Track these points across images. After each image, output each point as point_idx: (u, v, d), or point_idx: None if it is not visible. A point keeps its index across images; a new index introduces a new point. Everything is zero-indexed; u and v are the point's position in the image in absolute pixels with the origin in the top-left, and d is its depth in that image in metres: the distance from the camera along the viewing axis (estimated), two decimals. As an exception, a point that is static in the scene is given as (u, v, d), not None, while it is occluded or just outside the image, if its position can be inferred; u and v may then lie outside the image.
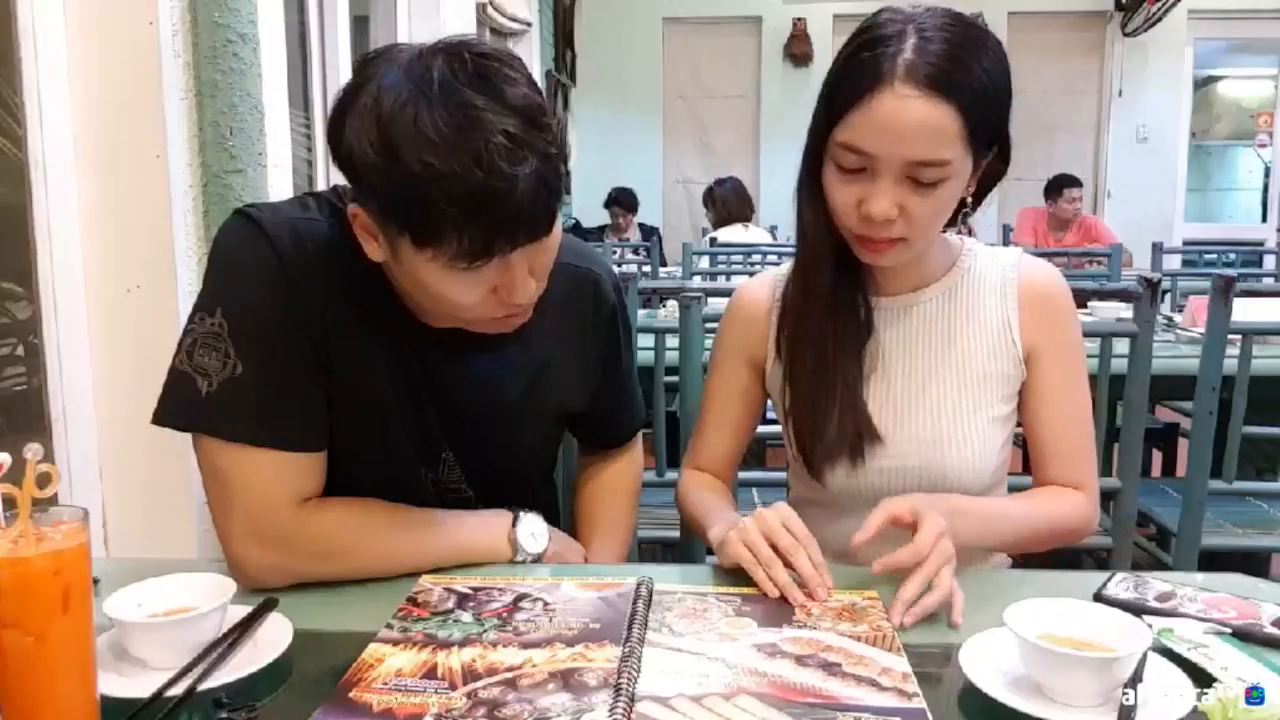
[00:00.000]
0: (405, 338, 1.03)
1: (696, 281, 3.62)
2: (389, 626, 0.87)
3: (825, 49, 6.90)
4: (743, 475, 1.64)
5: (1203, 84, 7.93)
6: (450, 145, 0.83)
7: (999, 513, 1.09)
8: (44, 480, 0.67)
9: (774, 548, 0.95)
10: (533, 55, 5.82)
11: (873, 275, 1.14)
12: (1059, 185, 5.42)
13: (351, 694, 0.75)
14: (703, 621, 0.88)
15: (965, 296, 1.15)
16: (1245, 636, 0.84)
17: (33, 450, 0.66)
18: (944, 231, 1.13)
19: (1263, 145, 7.65)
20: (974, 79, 0.98)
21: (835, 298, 1.12)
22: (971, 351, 1.13)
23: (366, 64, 0.91)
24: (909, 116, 0.96)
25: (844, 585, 0.95)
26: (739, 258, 4.13)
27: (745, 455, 1.30)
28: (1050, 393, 1.13)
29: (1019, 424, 1.18)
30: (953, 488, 1.11)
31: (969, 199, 1.07)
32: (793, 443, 1.16)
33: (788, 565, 0.94)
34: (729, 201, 4.81)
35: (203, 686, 0.76)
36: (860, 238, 1.05)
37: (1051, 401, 1.13)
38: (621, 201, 6.22)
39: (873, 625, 0.87)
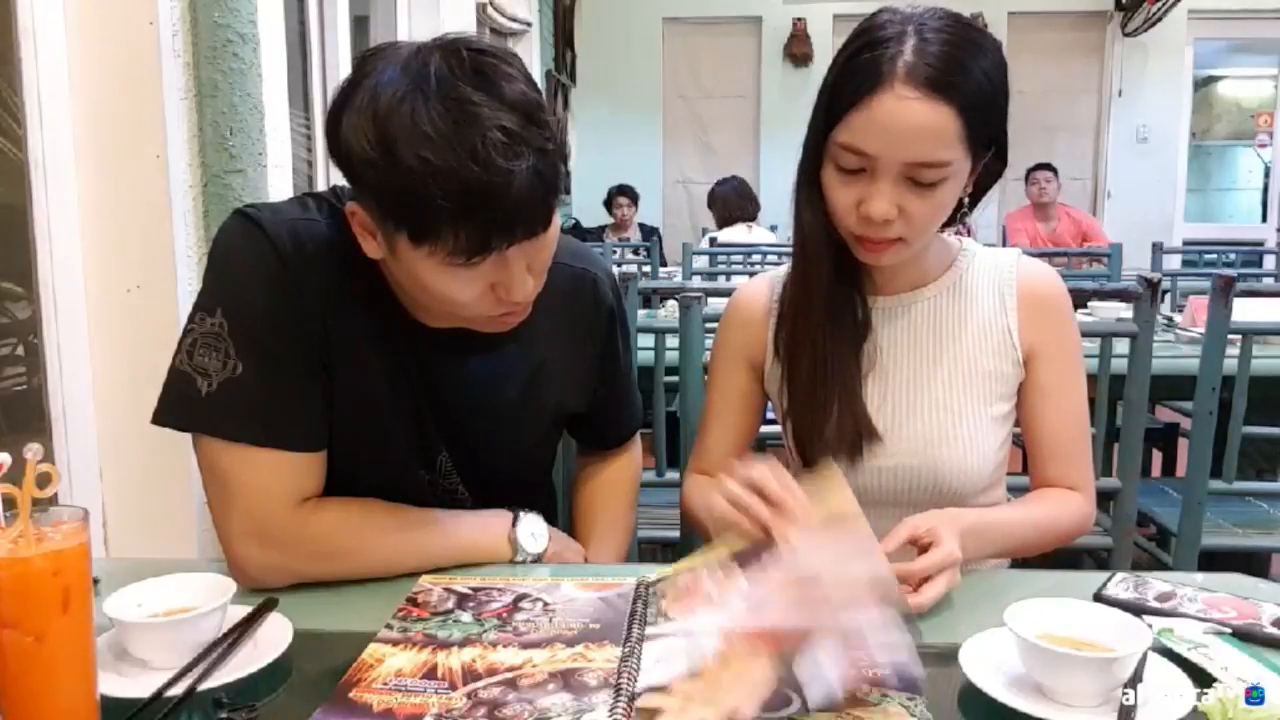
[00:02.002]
0: (403, 338, 1.03)
1: (696, 281, 3.62)
2: (389, 627, 0.87)
3: (825, 49, 6.90)
4: (743, 475, 1.63)
5: (1203, 84, 7.92)
6: (446, 140, 0.83)
7: (1009, 527, 1.08)
8: (44, 480, 0.67)
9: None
10: (533, 55, 5.82)
11: (871, 275, 1.14)
12: (1028, 172, 5.53)
13: (351, 694, 0.75)
14: (695, 599, 0.87)
15: (963, 296, 1.15)
16: (1245, 636, 0.84)
17: (33, 450, 0.66)
18: (941, 231, 1.13)
19: (1263, 145, 7.64)
20: (973, 80, 0.98)
21: (833, 297, 1.12)
22: (969, 351, 1.13)
23: (364, 61, 0.91)
24: (909, 118, 0.97)
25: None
26: (739, 258, 4.13)
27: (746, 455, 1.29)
28: (1048, 393, 1.13)
29: (1017, 424, 1.18)
30: (951, 487, 1.11)
31: (966, 199, 1.07)
32: (792, 442, 1.16)
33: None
34: (729, 201, 4.81)
35: (203, 686, 0.76)
36: (859, 238, 1.05)
37: (1050, 402, 1.13)
38: (625, 191, 6.23)
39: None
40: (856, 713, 0.71)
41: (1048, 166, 5.55)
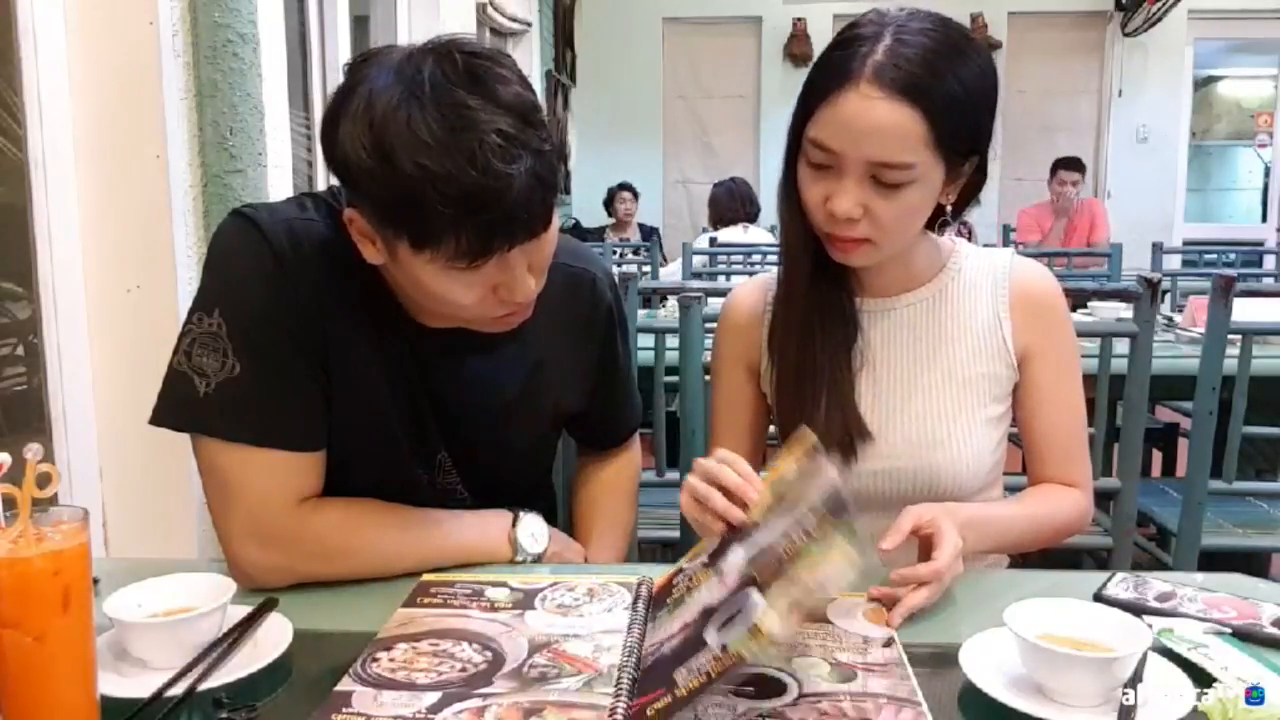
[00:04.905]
0: (401, 338, 1.03)
1: (695, 282, 3.62)
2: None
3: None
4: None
5: (1203, 84, 7.92)
6: (444, 146, 0.83)
7: (1007, 521, 1.09)
8: (44, 480, 0.67)
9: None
10: (533, 55, 5.82)
11: (859, 277, 1.14)
12: (1054, 168, 5.42)
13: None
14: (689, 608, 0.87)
15: (955, 298, 1.15)
16: (1245, 636, 0.84)
17: (33, 450, 0.66)
18: (937, 234, 1.13)
19: (1263, 145, 7.65)
20: (944, 85, 0.98)
21: (818, 296, 1.12)
22: (962, 353, 1.13)
23: (357, 68, 0.90)
24: (871, 117, 0.97)
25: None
26: (739, 258, 4.13)
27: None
28: (1045, 393, 1.13)
29: (1014, 424, 1.18)
30: (947, 489, 1.11)
31: (948, 206, 1.07)
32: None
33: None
34: (721, 202, 4.82)
35: (203, 686, 0.76)
36: (828, 235, 1.05)
37: (1046, 402, 1.13)
38: (628, 187, 6.24)
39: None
40: (804, 574, 0.72)
41: (1069, 164, 5.35)
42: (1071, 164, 5.38)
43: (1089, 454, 1.18)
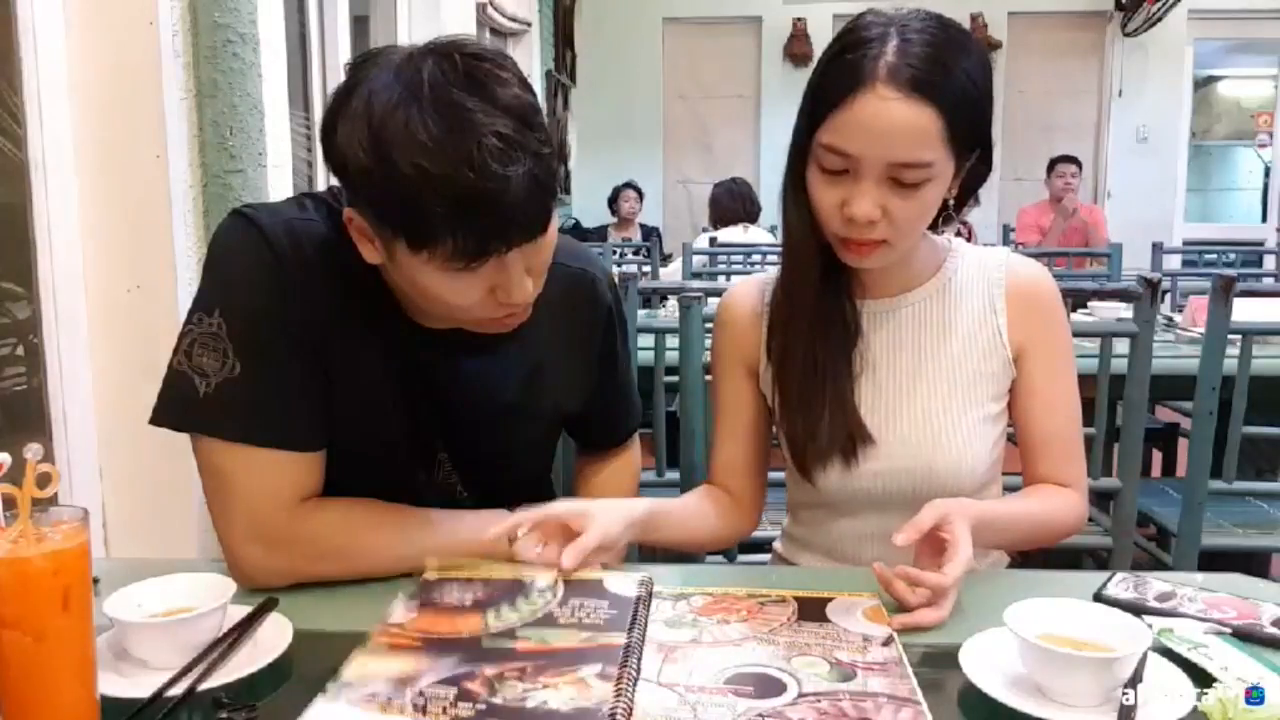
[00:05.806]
0: (401, 338, 1.03)
1: (695, 282, 3.61)
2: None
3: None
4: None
5: (1203, 84, 7.92)
6: (441, 147, 0.83)
7: (1013, 518, 1.09)
8: (44, 480, 0.67)
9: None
10: (533, 55, 5.82)
11: (859, 278, 1.14)
12: (1050, 165, 5.39)
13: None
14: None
15: (953, 298, 1.15)
16: (1245, 636, 0.84)
17: (33, 450, 0.66)
18: (938, 232, 1.13)
19: (1263, 145, 7.65)
20: (955, 81, 0.98)
21: (821, 300, 1.11)
22: (960, 352, 1.13)
23: (357, 68, 0.90)
24: (890, 118, 0.97)
25: (843, 587, 0.95)
26: (739, 258, 4.13)
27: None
28: (1040, 391, 1.13)
29: (1010, 423, 1.18)
30: (946, 488, 1.10)
31: (951, 201, 1.07)
32: (786, 446, 1.16)
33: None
34: (721, 202, 4.83)
35: (203, 686, 0.76)
36: (843, 240, 1.05)
37: (1041, 399, 1.13)
38: (632, 185, 6.25)
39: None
40: None
41: (1070, 159, 5.34)
42: (1067, 159, 5.37)
43: (1084, 454, 1.17)
